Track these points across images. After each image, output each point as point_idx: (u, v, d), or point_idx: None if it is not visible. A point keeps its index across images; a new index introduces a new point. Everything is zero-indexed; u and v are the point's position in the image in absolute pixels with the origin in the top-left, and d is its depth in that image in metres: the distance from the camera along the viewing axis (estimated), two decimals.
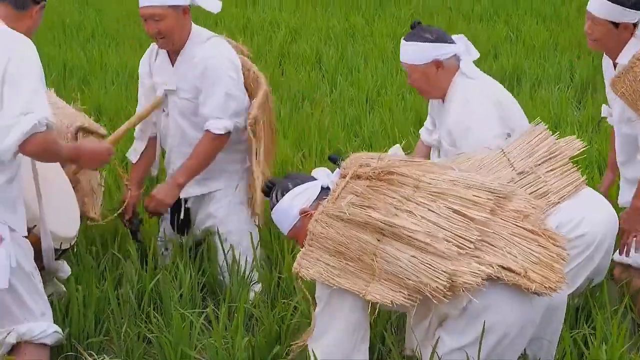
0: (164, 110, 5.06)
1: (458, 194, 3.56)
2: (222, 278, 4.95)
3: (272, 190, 3.92)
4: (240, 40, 5.40)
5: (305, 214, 3.76)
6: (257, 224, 5.07)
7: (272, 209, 3.91)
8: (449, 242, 3.44)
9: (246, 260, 4.88)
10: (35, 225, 4.07)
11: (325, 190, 3.82)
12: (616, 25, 4.55)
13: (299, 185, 3.87)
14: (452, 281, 3.40)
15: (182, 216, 5.09)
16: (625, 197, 4.81)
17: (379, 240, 3.51)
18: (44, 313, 3.93)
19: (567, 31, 11.66)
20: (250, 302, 4.61)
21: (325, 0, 14.01)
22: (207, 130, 4.89)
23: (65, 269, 4.39)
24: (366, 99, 8.56)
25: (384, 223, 3.50)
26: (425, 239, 3.45)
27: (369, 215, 3.52)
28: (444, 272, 3.40)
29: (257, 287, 4.86)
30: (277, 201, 3.88)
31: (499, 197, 3.63)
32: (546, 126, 4.40)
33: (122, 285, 4.75)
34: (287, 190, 3.87)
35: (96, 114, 7.91)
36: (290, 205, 3.83)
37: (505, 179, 4.07)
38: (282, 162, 6.35)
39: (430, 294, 3.41)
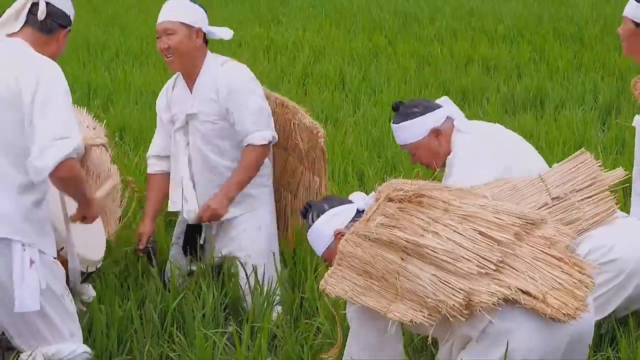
0: (188, 143, 5.00)
1: (485, 217, 3.56)
2: (244, 301, 4.93)
3: (309, 211, 3.94)
4: (264, 60, 5.42)
5: (339, 235, 3.77)
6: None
7: (307, 230, 3.93)
8: (470, 261, 3.44)
9: (264, 277, 4.85)
10: (63, 248, 4.09)
11: (360, 213, 3.83)
12: (637, 25, 4.58)
13: (335, 207, 3.89)
14: (469, 300, 3.39)
15: (202, 241, 5.10)
16: (636, 212, 4.76)
17: (402, 260, 3.51)
18: (73, 334, 3.93)
19: (591, 52, 11.64)
20: (273, 322, 4.60)
21: (349, 21, 14.05)
22: (248, 144, 4.89)
23: (90, 292, 4.40)
24: (389, 119, 8.54)
25: (407, 242, 3.50)
26: (447, 257, 3.44)
27: (395, 235, 3.53)
28: (461, 289, 3.39)
29: (279, 308, 4.85)
30: (313, 222, 3.90)
31: (527, 222, 3.61)
32: (592, 155, 4.37)
33: (145, 305, 4.76)
34: (323, 211, 3.89)
35: (120, 134, 7.96)
36: (326, 227, 3.85)
37: (538, 204, 4.06)
38: None
39: (447, 312, 3.40)
